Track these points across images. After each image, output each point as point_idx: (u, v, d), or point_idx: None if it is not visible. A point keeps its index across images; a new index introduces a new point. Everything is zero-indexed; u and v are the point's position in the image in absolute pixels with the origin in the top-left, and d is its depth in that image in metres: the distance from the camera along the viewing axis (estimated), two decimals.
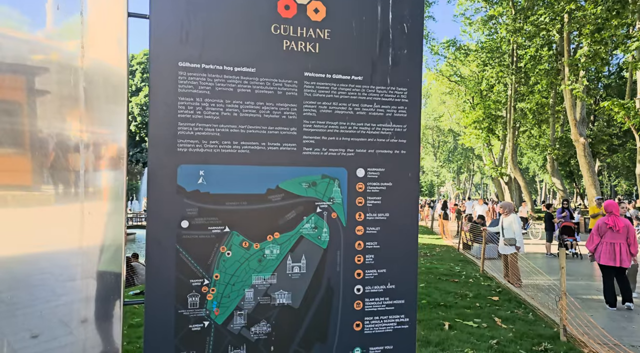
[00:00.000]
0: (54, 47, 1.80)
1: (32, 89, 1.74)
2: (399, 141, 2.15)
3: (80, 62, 1.81)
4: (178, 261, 1.87)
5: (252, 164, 1.96)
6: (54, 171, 1.78)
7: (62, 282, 1.82)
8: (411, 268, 2.18)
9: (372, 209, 2.12)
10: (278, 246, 2.00)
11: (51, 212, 1.80)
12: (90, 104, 1.84)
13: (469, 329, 6.01)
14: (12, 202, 1.72)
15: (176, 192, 1.87)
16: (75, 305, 1.83)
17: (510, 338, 5.60)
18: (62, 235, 1.81)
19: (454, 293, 8.12)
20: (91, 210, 1.84)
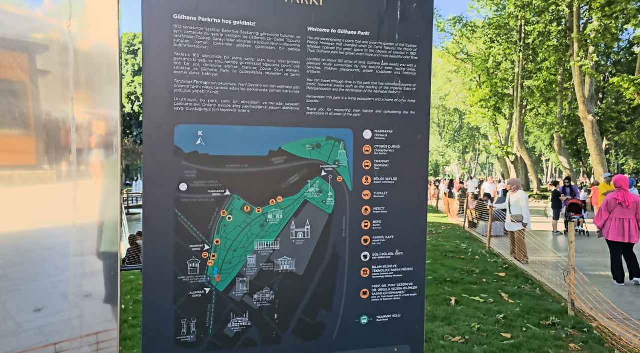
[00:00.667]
0: (45, 23, 1.70)
1: (24, 67, 1.65)
2: (408, 101, 2.04)
3: (70, 39, 1.71)
4: (177, 226, 1.79)
5: (253, 125, 1.86)
6: (48, 150, 1.70)
7: (63, 258, 1.76)
8: (420, 235, 2.10)
9: (380, 173, 2.02)
10: (281, 211, 1.91)
11: (46, 190, 1.73)
12: (82, 82, 1.75)
13: (475, 304, 5.97)
14: (16, 181, 1.67)
15: (174, 153, 1.78)
16: (76, 280, 1.77)
17: (518, 313, 5.55)
18: (59, 213, 1.75)
19: (460, 269, 8.08)
20: (85, 188, 1.77)
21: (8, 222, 1.68)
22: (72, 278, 1.77)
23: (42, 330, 1.73)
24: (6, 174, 1.69)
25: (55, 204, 1.76)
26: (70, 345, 1.73)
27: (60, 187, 1.75)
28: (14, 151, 1.72)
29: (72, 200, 1.76)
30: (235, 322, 1.88)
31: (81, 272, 1.77)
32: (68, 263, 1.77)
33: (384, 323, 2.06)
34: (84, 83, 1.77)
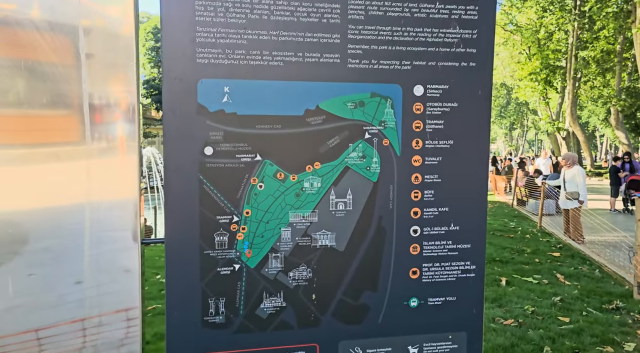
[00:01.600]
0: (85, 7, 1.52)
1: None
2: (467, 51, 1.74)
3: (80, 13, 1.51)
4: (202, 194, 1.59)
5: (286, 79, 1.62)
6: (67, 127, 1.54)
7: (96, 233, 1.60)
8: (480, 207, 1.82)
9: (433, 135, 1.74)
10: (319, 178, 1.68)
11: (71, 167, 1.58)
12: (96, 57, 1.56)
13: (528, 285, 5.62)
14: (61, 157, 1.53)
15: (197, 112, 1.56)
16: (107, 256, 1.62)
17: (576, 296, 5.17)
18: (73, 190, 1.59)
19: (509, 248, 7.67)
20: (103, 165, 1.59)
21: (52, 197, 1.55)
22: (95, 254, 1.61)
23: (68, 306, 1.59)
24: (53, 151, 1.56)
25: (74, 182, 1.60)
26: (90, 323, 1.58)
27: (78, 165, 1.59)
28: (57, 129, 1.59)
29: (85, 176, 1.59)
30: (269, 302, 1.68)
31: (102, 249, 1.61)
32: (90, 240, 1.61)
33: (437, 307, 1.81)
34: (98, 58, 1.57)
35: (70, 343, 1.63)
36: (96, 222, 1.55)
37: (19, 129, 1.56)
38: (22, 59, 1.51)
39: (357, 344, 1.76)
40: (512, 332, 4.13)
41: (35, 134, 1.59)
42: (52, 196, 1.58)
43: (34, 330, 1.54)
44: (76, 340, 1.61)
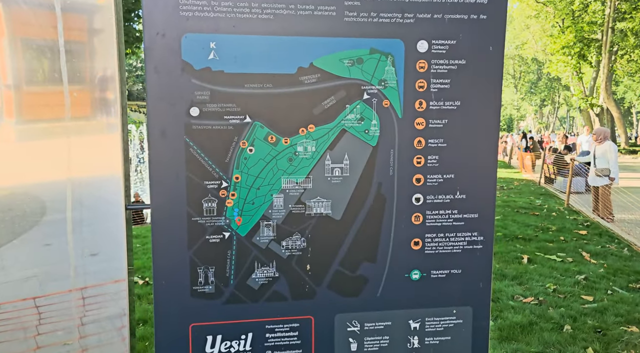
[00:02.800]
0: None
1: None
2: (477, 1, 1.58)
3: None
4: (188, 158, 1.50)
5: (277, 34, 1.50)
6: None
7: (78, 202, 1.55)
8: (488, 174, 1.68)
9: (438, 96, 1.61)
10: (313, 142, 1.57)
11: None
12: (74, 28, 1.47)
13: (551, 263, 5.44)
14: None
15: (181, 69, 1.47)
16: (91, 224, 1.56)
17: (602, 274, 4.97)
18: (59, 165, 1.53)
19: (534, 226, 7.46)
20: (83, 142, 1.52)
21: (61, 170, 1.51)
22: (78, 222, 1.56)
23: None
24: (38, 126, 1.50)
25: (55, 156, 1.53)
26: (74, 295, 1.53)
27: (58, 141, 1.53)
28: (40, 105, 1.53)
29: (66, 152, 1.52)
30: (261, 272, 1.60)
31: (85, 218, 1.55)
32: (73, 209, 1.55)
33: (441, 280, 1.70)
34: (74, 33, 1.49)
35: (59, 313, 1.59)
36: (77, 189, 1.49)
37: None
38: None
39: (355, 317, 1.67)
40: (532, 309, 4.00)
41: (29, 110, 1.54)
42: (36, 172, 1.53)
43: (11, 302, 1.50)
44: (64, 311, 1.57)
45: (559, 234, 6.91)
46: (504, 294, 4.37)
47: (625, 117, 50.26)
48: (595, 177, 8.46)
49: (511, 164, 22.02)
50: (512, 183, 14.15)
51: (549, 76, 49.76)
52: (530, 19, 41.73)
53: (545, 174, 14.18)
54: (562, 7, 30.87)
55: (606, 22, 27.41)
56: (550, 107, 61.48)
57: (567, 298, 4.32)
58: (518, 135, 27.82)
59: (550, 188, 12.96)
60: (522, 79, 59.61)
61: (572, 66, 31.48)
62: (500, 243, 6.39)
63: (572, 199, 10.12)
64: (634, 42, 27.80)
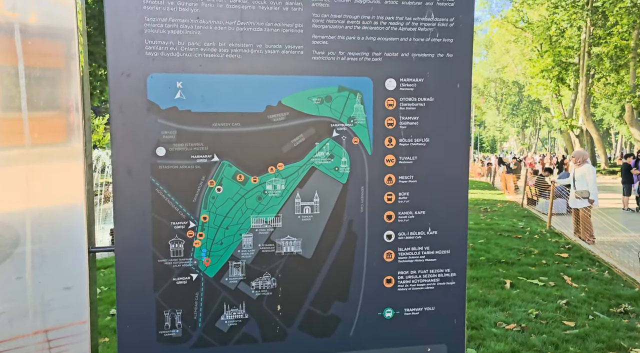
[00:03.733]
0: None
1: None
2: (443, 41, 1.60)
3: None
4: (154, 198, 1.48)
5: (245, 73, 1.50)
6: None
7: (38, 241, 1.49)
8: (459, 210, 1.68)
9: (407, 133, 1.61)
10: (283, 180, 1.56)
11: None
12: (34, 52, 1.43)
13: (533, 288, 5.44)
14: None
15: (147, 109, 1.45)
16: (52, 266, 1.50)
17: (583, 299, 4.98)
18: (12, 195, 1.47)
19: (516, 249, 7.48)
20: (45, 168, 1.47)
21: None
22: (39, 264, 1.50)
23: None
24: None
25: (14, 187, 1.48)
26: (34, 339, 1.47)
27: (17, 169, 1.47)
28: None
29: (24, 181, 1.47)
30: (230, 314, 1.56)
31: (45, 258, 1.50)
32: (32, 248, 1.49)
33: (414, 318, 1.68)
34: (33, 49, 1.44)
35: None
36: (38, 228, 1.44)
37: None
38: None
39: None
40: (514, 337, 3.97)
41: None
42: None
43: None
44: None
45: (541, 257, 6.94)
46: (487, 321, 4.35)
47: (604, 138, 51.35)
48: (575, 200, 8.56)
49: (494, 185, 22.24)
50: (495, 205, 14.26)
51: (529, 98, 50.83)
52: (510, 44, 42.80)
53: (527, 196, 14.32)
54: (540, 33, 31.75)
55: (582, 46, 28.23)
56: (532, 128, 62.61)
57: (549, 324, 4.30)
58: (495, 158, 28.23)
59: (533, 210, 13.07)
60: (504, 101, 60.78)
61: (551, 89, 32.23)
62: (483, 267, 6.39)
63: (554, 221, 10.20)
64: (609, 66, 28.61)
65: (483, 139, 70.21)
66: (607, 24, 26.39)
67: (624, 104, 29.08)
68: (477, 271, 6.20)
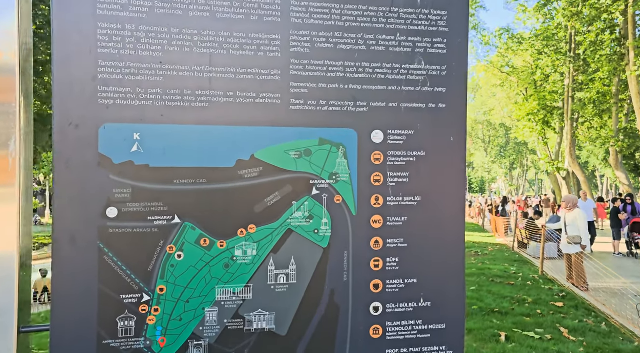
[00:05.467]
0: None
1: None
2: (435, 90, 1.45)
3: None
4: (102, 267, 1.26)
5: (213, 124, 1.33)
6: None
7: None
8: (455, 277, 1.49)
9: (396, 191, 1.43)
10: (254, 244, 1.36)
11: None
12: None
13: (529, 342, 5.17)
14: None
15: (98, 164, 1.26)
16: None
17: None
18: None
19: (510, 298, 7.23)
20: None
21: None
22: None
23: None
24: None
25: None
26: None
27: None
28: None
29: None
30: None
31: None
32: None
33: None
34: None
35: None
36: None
37: None
38: None
39: None
40: None
41: None
42: None
43: None
44: None
45: (535, 307, 6.69)
46: None
47: (590, 180, 51.92)
48: (568, 245, 8.39)
49: (484, 227, 22.09)
50: (486, 248, 14.05)
51: (516, 141, 51.60)
52: (496, 87, 43.75)
53: (518, 239, 14.16)
54: (525, 77, 32.57)
55: (566, 91, 28.86)
56: (520, 169, 63.28)
57: None
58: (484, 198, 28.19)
59: (524, 253, 12.87)
60: (492, 142, 61.65)
61: (537, 132, 32.72)
62: (476, 318, 6.12)
63: (546, 266, 10.00)
64: (592, 110, 29.23)
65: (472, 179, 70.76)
66: (589, 70, 27.14)
67: (609, 147, 29.56)
68: (470, 322, 5.93)
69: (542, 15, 29.08)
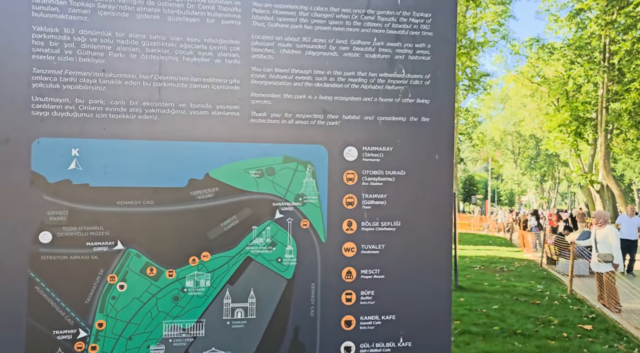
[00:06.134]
0: None
1: None
2: (417, 101, 1.28)
3: None
4: (32, 299, 1.13)
5: (163, 139, 1.19)
6: None
7: None
8: (442, 313, 1.30)
9: (372, 215, 1.26)
10: (208, 274, 1.21)
11: None
12: None
13: None
14: None
15: (30, 183, 1.13)
16: None
17: None
18: None
19: (534, 318, 6.86)
20: None
21: None
22: None
23: None
24: None
25: None
26: None
27: None
28: None
29: None
30: None
31: None
32: None
33: None
34: None
35: None
36: None
37: None
38: None
39: None
40: None
41: None
42: None
43: None
44: None
45: (561, 329, 6.32)
46: None
47: (626, 194, 50.18)
48: (598, 263, 7.97)
49: (512, 242, 21.45)
50: (512, 264, 13.57)
51: (547, 152, 50.37)
52: (526, 98, 42.89)
53: (546, 255, 13.63)
54: (556, 88, 31.78)
55: (600, 102, 28.01)
56: (551, 182, 61.71)
57: None
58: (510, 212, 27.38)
59: (552, 270, 12.36)
60: (522, 154, 60.36)
61: (569, 143, 31.82)
62: (497, 340, 5.81)
63: (575, 284, 9.53)
64: (628, 122, 28.26)
65: (500, 191, 69.28)
66: (624, 80, 26.29)
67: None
68: (489, 344, 5.63)
69: (574, 24, 28.45)
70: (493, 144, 58.28)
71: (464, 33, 26.53)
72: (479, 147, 47.18)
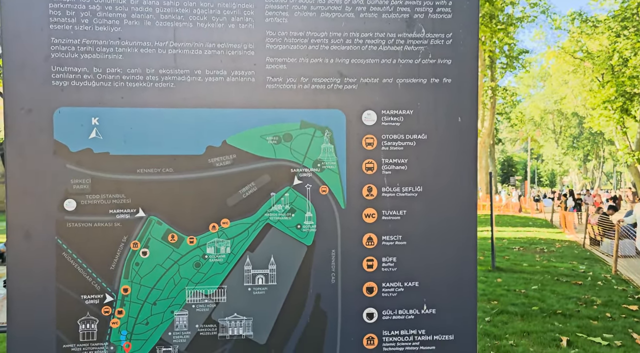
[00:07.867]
0: None
1: None
2: (438, 62, 1.23)
3: None
4: (60, 265, 1.16)
5: (180, 106, 1.19)
6: None
7: None
8: (466, 280, 1.26)
9: (393, 180, 1.23)
10: (228, 241, 1.21)
11: None
12: None
13: (595, 348, 4.70)
14: None
15: (53, 152, 1.16)
16: None
17: None
18: None
19: (575, 298, 6.67)
20: None
21: None
22: None
23: None
24: None
25: None
26: None
27: None
28: None
29: None
30: None
31: None
32: None
33: None
34: None
35: None
36: None
37: None
38: None
39: None
40: None
41: None
42: None
43: None
44: None
45: (605, 309, 6.12)
46: None
47: None
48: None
49: (553, 223, 20.85)
50: (553, 245, 13.20)
51: (591, 130, 48.46)
52: (568, 75, 41.22)
53: (589, 235, 13.18)
54: (601, 63, 30.37)
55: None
56: (595, 161, 59.43)
57: None
58: None
59: (596, 251, 11.95)
60: (563, 133, 58.27)
61: (615, 121, 30.49)
62: (536, 320, 5.68)
63: (621, 264, 9.19)
64: None
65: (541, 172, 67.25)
66: None
67: None
68: (528, 324, 5.52)
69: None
70: (532, 123, 56.50)
71: (501, 8, 25.67)
72: (517, 127, 45.82)
